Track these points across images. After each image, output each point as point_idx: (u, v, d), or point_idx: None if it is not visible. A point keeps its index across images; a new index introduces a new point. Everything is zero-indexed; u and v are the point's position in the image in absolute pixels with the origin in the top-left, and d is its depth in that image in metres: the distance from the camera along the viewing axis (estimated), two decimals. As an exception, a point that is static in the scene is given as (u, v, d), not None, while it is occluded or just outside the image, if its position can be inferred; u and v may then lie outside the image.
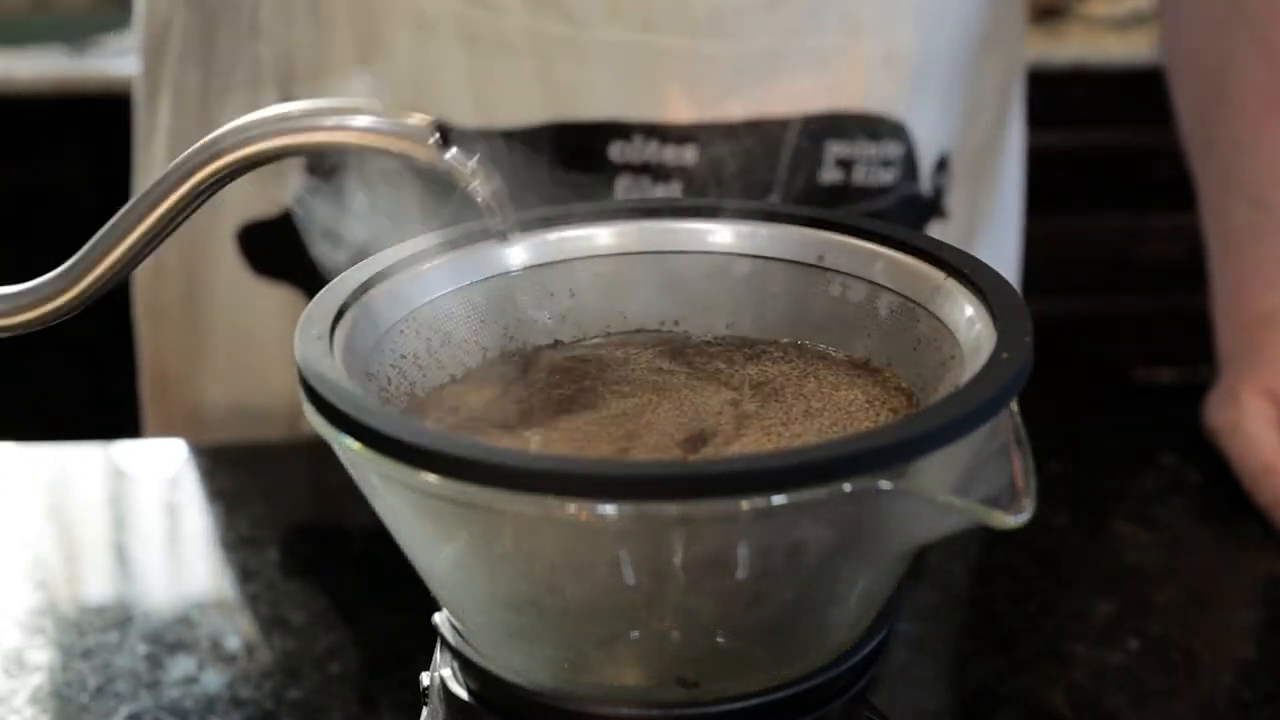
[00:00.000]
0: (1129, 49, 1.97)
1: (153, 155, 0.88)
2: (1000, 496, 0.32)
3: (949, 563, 0.71)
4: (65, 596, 0.68)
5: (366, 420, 0.33)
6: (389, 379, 0.40)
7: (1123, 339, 2.12)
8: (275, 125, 0.40)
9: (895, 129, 0.80)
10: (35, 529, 0.74)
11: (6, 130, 1.94)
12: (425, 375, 0.41)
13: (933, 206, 0.86)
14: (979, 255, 0.40)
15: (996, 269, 0.40)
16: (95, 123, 1.90)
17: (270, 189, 0.80)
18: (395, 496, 0.35)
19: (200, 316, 0.87)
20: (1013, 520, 0.31)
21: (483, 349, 0.43)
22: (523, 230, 0.43)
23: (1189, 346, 1.22)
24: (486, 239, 0.43)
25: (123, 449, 0.80)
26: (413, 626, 0.62)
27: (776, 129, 0.77)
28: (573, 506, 0.31)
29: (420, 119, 0.40)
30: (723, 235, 0.44)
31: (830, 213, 0.44)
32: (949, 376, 0.38)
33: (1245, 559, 0.72)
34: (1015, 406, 0.34)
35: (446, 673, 0.39)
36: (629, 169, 0.76)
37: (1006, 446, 0.33)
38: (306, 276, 0.81)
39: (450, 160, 0.40)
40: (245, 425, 0.86)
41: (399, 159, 0.40)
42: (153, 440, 0.89)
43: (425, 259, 0.42)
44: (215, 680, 0.61)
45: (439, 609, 0.39)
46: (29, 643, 0.64)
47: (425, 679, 0.41)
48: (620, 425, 0.39)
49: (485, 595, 0.36)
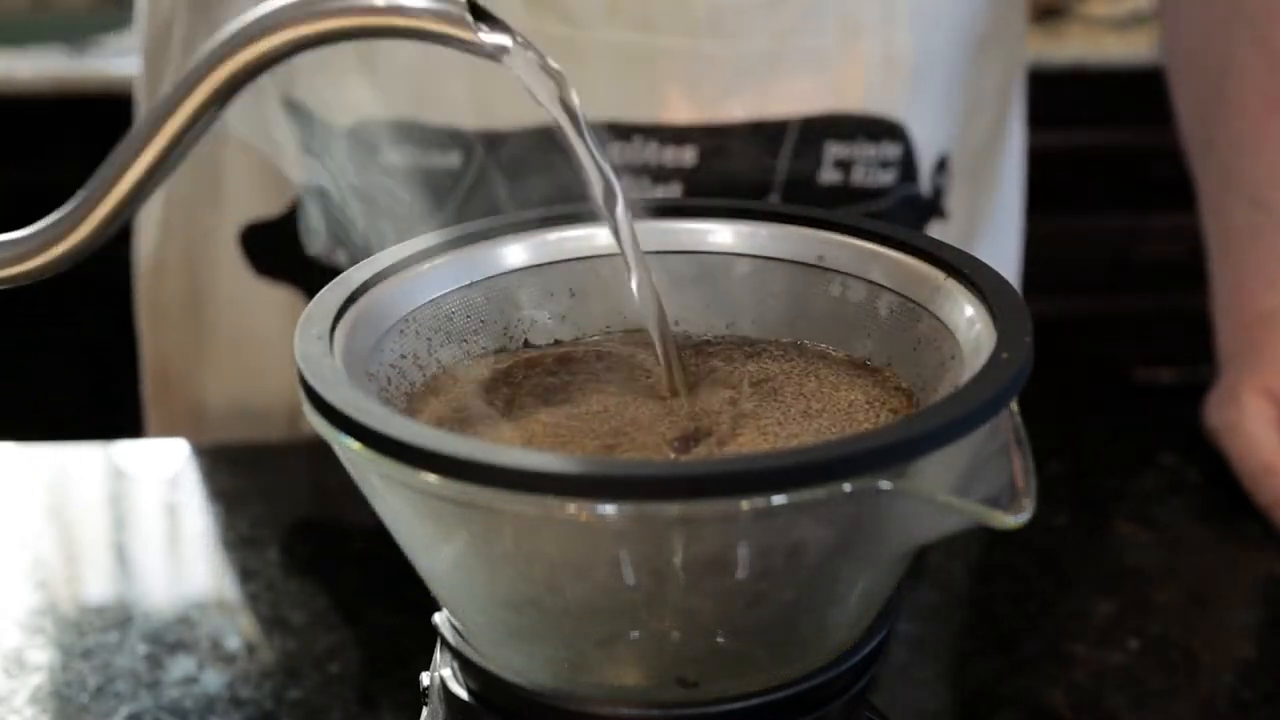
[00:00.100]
0: (1129, 49, 1.97)
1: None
2: (1000, 496, 0.32)
3: (949, 563, 0.71)
4: (65, 596, 0.68)
5: (366, 420, 0.33)
6: (389, 379, 0.40)
7: (1123, 339, 2.12)
8: (301, 11, 0.37)
9: (894, 129, 0.80)
10: (35, 529, 0.74)
11: (6, 130, 1.94)
12: (425, 375, 0.41)
13: (932, 207, 0.85)
14: (979, 255, 0.40)
15: (996, 269, 0.40)
16: (95, 123, 1.88)
17: (272, 189, 0.80)
18: (395, 496, 0.35)
19: (202, 316, 0.87)
20: (1013, 520, 0.31)
21: (483, 349, 0.43)
22: (523, 230, 0.43)
23: (1189, 346, 1.22)
24: (486, 239, 0.43)
25: (123, 449, 0.80)
26: (413, 626, 0.62)
27: (776, 129, 0.77)
28: (573, 506, 0.31)
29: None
30: (723, 235, 0.44)
31: (830, 213, 0.44)
32: (949, 376, 0.38)
33: (1245, 559, 0.72)
34: (1015, 406, 0.34)
35: (446, 673, 0.39)
36: (629, 169, 0.76)
37: (1006, 446, 0.33)
38: (307, 277, 0.82)
39: (488, 39, 0.38)
40: (246, 425, 0.86)
41: (435, 41, 0.38)
42: (153, 440, 0.89)
43: (425, 259, 0.42)
44: (215, 680, 0.61)
45: (439, 609, 0.39)
46: (29, 643, 0.64)
47: (425, 679, 0.41)
48: (612, 423, 0.39)
49: (485, 595, 0.36)
